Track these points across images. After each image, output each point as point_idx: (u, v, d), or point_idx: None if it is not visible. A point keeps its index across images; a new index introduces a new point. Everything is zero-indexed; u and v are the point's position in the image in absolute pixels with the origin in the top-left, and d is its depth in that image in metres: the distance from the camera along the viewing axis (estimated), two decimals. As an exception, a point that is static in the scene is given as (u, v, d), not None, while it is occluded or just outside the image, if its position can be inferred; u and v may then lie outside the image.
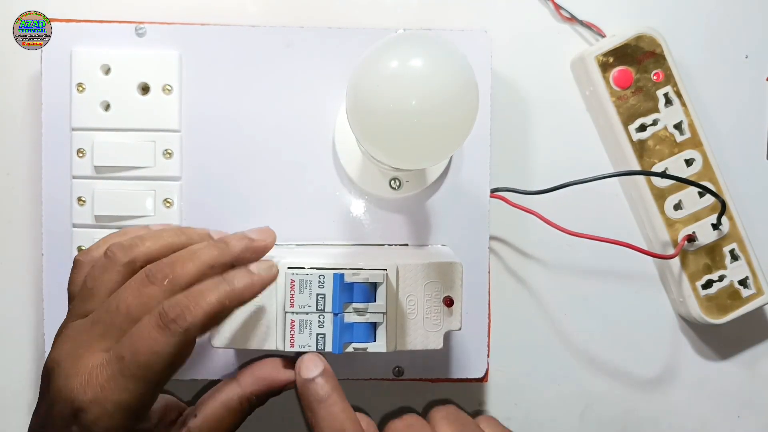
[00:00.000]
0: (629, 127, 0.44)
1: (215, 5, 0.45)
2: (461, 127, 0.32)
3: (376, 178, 0.41)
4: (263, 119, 0.42)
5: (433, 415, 0.36)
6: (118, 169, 0.41)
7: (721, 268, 0.45)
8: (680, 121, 0.45)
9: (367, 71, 0.32)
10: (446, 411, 0.36)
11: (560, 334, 0.47)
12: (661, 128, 0.45)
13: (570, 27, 0.46)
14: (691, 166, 0.45)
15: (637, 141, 0.45)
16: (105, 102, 0.41)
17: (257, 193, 0.42)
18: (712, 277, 0.45)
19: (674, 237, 0.45)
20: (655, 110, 0.45)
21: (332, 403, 0.33)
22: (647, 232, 0.46)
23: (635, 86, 0.44)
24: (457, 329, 0.36)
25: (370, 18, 0.46)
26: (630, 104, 0.44)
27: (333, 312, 0.34)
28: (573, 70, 0.46)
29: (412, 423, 0.35)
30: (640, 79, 0.44)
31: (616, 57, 0.44)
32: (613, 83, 0.44)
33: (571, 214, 0.45)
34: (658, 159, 0.45)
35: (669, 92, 0.45)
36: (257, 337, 0.36)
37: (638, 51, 0.44)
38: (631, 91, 0.44)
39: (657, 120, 0.45)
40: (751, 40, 0.47)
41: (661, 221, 0.45)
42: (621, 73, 0.44)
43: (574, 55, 0.46)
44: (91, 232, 0.41)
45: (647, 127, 0.45)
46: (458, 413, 0.36)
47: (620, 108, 0.44)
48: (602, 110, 0.45)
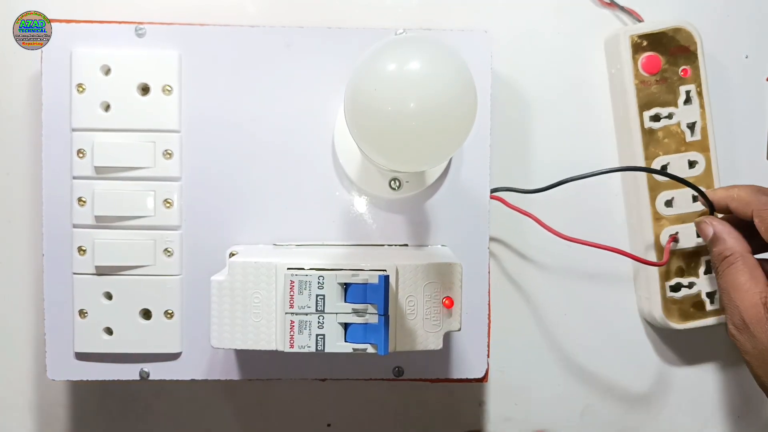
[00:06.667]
0: (644, 113, 0.44)
1: (215, 5, 0.45)
2: (460, 130, 0.32)
3: (376, 178, 0.41)
4: (263, 119, 0.42)
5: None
6: (118, 169, 0.41)
7: (694, 275, 0.45)
8: (694, 121, 0.45)
9: (365, 74, 0.32)
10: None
11: (560, 334, 0.47)
12: (675, 123, 0.45)
13: (610, 12, 0.47)
14: (693, 169, 0.45)
15: (648, 129, 0.44)
16: (105, 102, 0.41)
17: (257, 193, 0.42)
18: (682, 282, 0.45)
19: (657, 232, 0.45)
20: (674, 104, 0.45)
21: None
22: (633, 221, 0.46)
23: (661, 75, 0.44)
24: (457, 330, 0.36)
25: (370, 18, 0.46)
26: (651, 91, 0.44)
27: (379, 314, 0.34)
28: (606, 48, 0.46)
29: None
30: (667, 69, 0.44)
31: (650, 42, 0.44)
32: (640, 66, 0.44)
33: (570, 213, 0.46)
34: (663, 152, 0.45)
35: (692, 91, 0.45)
36: (257, 338, 0.36)
37: (673, 42, 0.44)
38: (656, 79, 0.44)
39: (672, 114, 0.45)
40: (751, 40, 0.47)
41: (649, 213, 0.45)
42: (650, 59, 0.44)
43: (610, 33, 0.46)
44: (91, 232, 0.41)
45: (661, 118, 0.45)
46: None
47: (641, 92, 0.44)
48: (623, 90, 0.45)
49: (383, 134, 0.32)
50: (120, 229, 0.41)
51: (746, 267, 0.39)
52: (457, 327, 0.36)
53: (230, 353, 0.42)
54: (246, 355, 0.42)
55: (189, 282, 0.41)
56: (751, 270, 0.39)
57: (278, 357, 0.41)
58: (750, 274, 0.39)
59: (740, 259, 0.39)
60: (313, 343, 0.35)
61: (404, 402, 0.47)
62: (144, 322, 0.41)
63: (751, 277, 0.39)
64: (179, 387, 0.47)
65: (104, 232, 0.41)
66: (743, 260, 0.39)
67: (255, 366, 0.42)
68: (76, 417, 0.47)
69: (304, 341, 0.35)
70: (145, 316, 0.41)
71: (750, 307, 0.38)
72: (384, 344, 0.34)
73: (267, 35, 0.41)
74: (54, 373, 0.41)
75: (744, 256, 0.40)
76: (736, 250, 0.40)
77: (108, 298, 0.41)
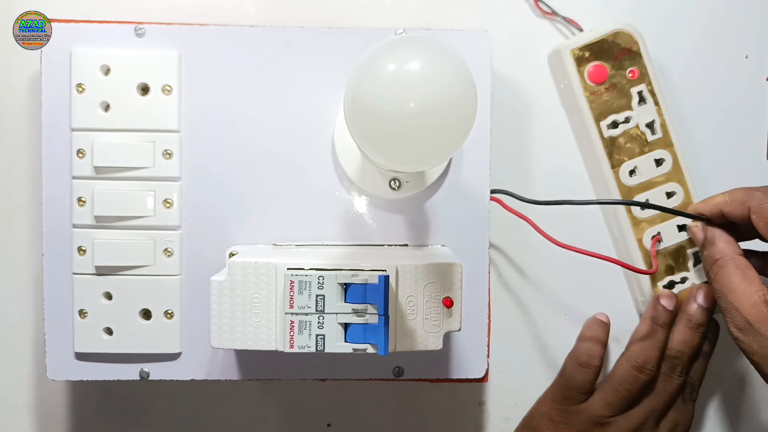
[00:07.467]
0: (601, 123, 0.44)
1: (215, 5, 0.45)
2: (459, 130, 0.32)
3: (376, 178, 0.41)
4: (263, 119, 0.42)
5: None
6: (118, 169, 0.41)
7: (684, 270, 0.45)
8: (652, 120, 0.45)
9: (365, 75, 0.32)
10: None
11: (560, 334, 0.47)
12: (633, 126, 0.44)
13: (549, 22, 0.46)
14: (661, 166, 0.45)
15: (608, 138, 0.44)
16: (105, 102, 0.41)
17: (257, 193, 0.42)
18: (674, 278, 0.45)
19: (639, 236, 0.45)
20: (628, 108, 0.44)
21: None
22: (614, 230, 0.46)
23: (609, 82, 0.44)
24: (457, 330, 0.36)
25: (370, 18, 0.46)
26: (603, 100, 0.44)
27: (379, 314, 0.34)
28: (550, 64, 0.46)
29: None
30: (614, 75, 0.44)
31: (592, 52, 0.44)
32: (587, 78, 0.44)
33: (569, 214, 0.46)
34: (627, 157, 0.45)
35: (643, 90, 0.44)
36: (257, 338, 0.36)
37: (615, 47, 0.44)
38: (605, 87, 0.44)
39: (629, 118, 0.44)
40: (751, 40, 0.47)
41: (627, 219, 0.45)
42: (596, 69, 0.44)
43: (551, 49, 0.45)
44: (91, 232, 0.41)
45: (619, 125, 0.44)
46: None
47: (593, 103, 0.44)
48: (575, 105, 0.45)
49: (383, 135, 0.32)
50: (120, 229, 0.41)
51: (737, 268, 0.39)
52: (457, 327, 0.36)
53: (230, 353, 0.42)
54: (246, 355, 0.42)
55: (189, 282, 0.41)
56: (743, 270, 0.39)
57: (278, 357, 0.41)
58: (743, 274, 0.39)
59: (731, 261, 0.40)
60: (313, 343, 0.35)
61: (404, 402, 0.47)
62: (144, 322, 0.41)
63: (744, 277, 0.39)
64: (179, 387, 0.47)
65: (104, 232, 0.41)
66: (734, 262, 0.39)
67: (255, 366, 0.42)
68: (76, 417, 0.47)
69: (304, 341, 0.35)
70: (145, 316, 0.41)
71: (751, 307, 0.38)
72: (384, 344, 0.34)
73: (267, 35, 0.41)
74: (54, 373, 0.41)
75: (734, 258, 0.40)
76: (725, 252, 0.40)
77: (108, 298, 0.41)
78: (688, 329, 0.44)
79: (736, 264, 0.39)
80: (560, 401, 0.44)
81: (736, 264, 0.39)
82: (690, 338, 0.44)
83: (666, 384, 0.44)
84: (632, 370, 0.43)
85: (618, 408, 0.43)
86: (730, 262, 0.40)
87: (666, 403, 0.44)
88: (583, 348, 0.45)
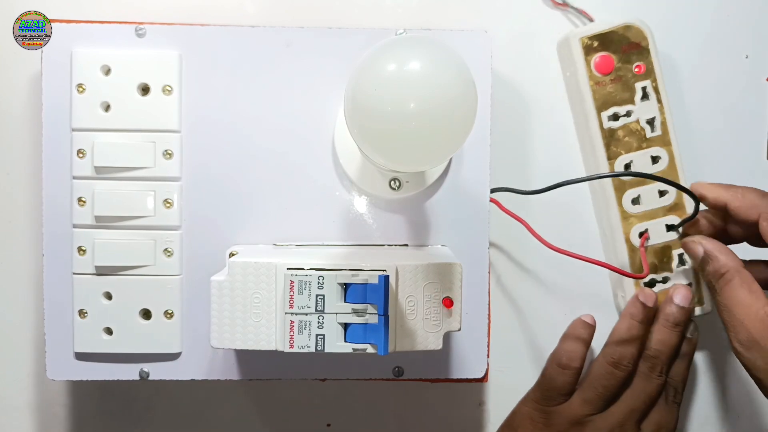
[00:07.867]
0: (602, 113, 0.44)
1: (215, 5, 0.45)
2: (460, 130, 0.32)
3: (376, 178, 0.41)
4: (263, 119, 0.42)
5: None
6: (118, 169, 0.41)
7: (667, 270, 0.45)
8: (653, 117, 0.45)
9: (365, 75, 0.32)
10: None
11: (561, 334, 0.47)
12: (633, 121, 0.44)
13: (557, 16, 0.46)
14: (657, 164, 0.45)
15: (608, 129, 0.44)
16: (105, 102, 0.41)
17: (257, 193, 0.42)
18: (656, 278, 0.45)
19: (627, 231, 0.45)
20: (631, 102, 0.44)
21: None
22: (603, 224, 0.46)
23: (615, 74, 0.44)
24: (457, 330, 0.36)
25: (370, 18, 0.46)
26: (607, 91, 0.44)
27: (379, 314, 0.34)
28: (558, 52, 0.46)
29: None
30: (621, 68, 0.44)
31: (601, 42, 0.44)
32: (593, 67, 0.44)
33: (569, 214, 0.46)
34: (624, 150, 0.45)
35: (647, 86, 0.44)
36: (257, 338, 0.36)
37: (624, 40, 0.44)
38: (610, 79, 0.44)
39: (630, 112, 0.44)
40: (751, 40, 0.47)
41: (617, 213, 0.45)
42: (603, 59, 0.44)
43: (561, 36, 0.45)
44: (91, 232, 0.41)
45: (620, 117, 0.44)
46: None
47: (596, 93, 0.44)
48: (579, 93, 0.45)
49: (383, 135, 0.32)
50: (120, 229, 0.41)
51: (744, 282, 0.39)
52: (457, 327, 0.36)
53: (230, 353, 0.42)
54: (246, 355, 0.42)
55: (189, 282, 0.41)
56: (749, 285, 0.39)
57: (278, 357, 0.41)
58: (749, 288, 0.38)
59: (737, 274, 0.39)
60: (312, 343, 0.35)
61: (404, 402, 0.47)
62: (144, 322, 0.41)
63: (750, 291, 0.38)
64: (179, 387, 0.47)
65: (104, 232, 0.41)
66: (740, 276, 0.39)
67: (255, 366, 0.42)
68: (76, 417, 0.47)
69: (303, 341, 0.35)
70: (145, 316, 0.41)
71: (757, 322, 0.37)
72: (384, 344, 0.34)
73: (267, 35, 0.41)
74: (54, 373, 0.41)
75: (740, 272, 0.39)
76: (731, 266, 0.40)
77: (108, 298, 0.41)
78: (666, 328, 0.44)
79: (741, 277, 0.39)
80: (541, 402, 0.44)
81: (742, 277, 0.39)
82: (668, 337, 0.44)
83: (645, 384, 0.44)
84: (608, 365, 0.43)
85: (596, 405, 0.43)
86: (737, 276, 0.39)
87: (646, 404, 0.44)
88: (564, 349, 0.45)
